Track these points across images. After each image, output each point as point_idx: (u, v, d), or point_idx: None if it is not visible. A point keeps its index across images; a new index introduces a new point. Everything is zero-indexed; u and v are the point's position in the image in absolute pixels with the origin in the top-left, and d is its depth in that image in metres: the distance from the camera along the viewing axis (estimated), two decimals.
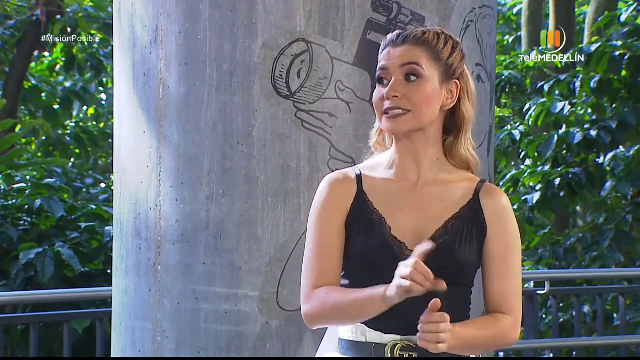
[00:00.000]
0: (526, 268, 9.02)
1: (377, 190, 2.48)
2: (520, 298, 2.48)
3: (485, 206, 2.45)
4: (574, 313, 7.14)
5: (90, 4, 12.00)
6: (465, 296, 2.47)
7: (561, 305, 8.78)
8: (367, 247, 2.43)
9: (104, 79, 15.33)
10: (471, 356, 2.48)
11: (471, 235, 2.43)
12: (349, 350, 2.46)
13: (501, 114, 12.60)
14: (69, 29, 11.37)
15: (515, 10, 16.73)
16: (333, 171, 2.62)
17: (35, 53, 13.76)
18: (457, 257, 2.41)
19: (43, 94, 13.74)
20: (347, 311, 2.39)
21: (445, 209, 2.44)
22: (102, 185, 11.91)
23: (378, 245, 2.42)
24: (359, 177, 2.49)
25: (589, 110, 9.16)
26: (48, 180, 8.39)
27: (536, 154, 8.98)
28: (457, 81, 2.47)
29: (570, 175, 8.72)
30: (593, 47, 8.53)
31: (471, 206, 2.45)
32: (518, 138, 9.58)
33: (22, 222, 7.50)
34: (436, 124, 2.47)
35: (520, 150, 9.75)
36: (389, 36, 2.49)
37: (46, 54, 15.31)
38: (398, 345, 2.39)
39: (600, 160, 8.90)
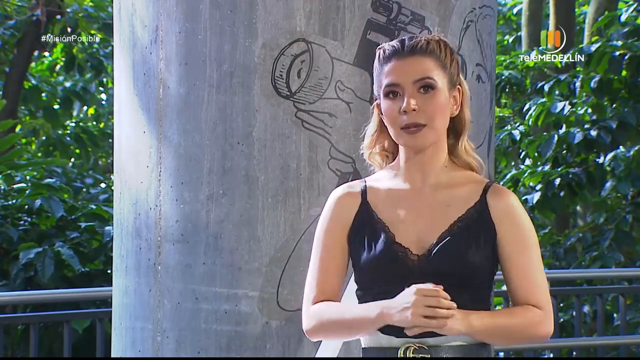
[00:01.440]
0: None
1: (381, 200, 2.49)
2: (547, 292, 2.45)
3: (492, 206, 2.45)
4: (574, 313, 7.14)
5: (90, 4, 12.00)
6: (481, 298, 2.44)
7: (561, 305, 8.77)
8: (372, 256, 2.44)
9: (104, 79, 15.33)
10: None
11: (479, 236, 2.42)
12: (366, 356, 2.48)
13: (501, 114, 12.60)
14: (69, 29, 11.37)
15: (515, 10, 16.73)
16: (333, 171, 2.64)
17: (35, 53, 13.75)
18: (465, 259, 2.40)
19: (43, 94, 13.74)
20: (342, 330, 2.46)
21: (451, 213, 2.45)
22: (102, 185, 11.92)
23: (382, 253, 2.42)
24: (364, 189, 2.52)
25: (589, 110, 9.15)
26: (48, 180, 8.40)
27: (536, 154, 8.99)
28: (459, 87, 2.50)
29: (570, 175, 8.72)
30: (593, 47, 8.54)
31: (477, 207, 2.45)
32: (518, 138, 9.59)
33: (22, 222, 7.50)
34: (445, 132, 2.49)
35: (520, 150, 9.76)
36: (390, 47, 2.47)
37: (46, 54, 15.31)
38: (411, 347, 2.39)
39: (600, 160, 8.90)
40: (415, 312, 2.29)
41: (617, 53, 8.45)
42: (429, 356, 2.38)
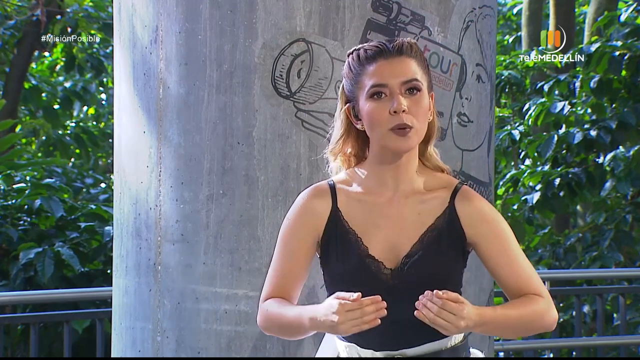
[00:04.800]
0: None
1: (352, 208, 2.46)
2: (540, 280, 2.45)
3: (460, 212, 2.44)
4: (574, 313, 7.14)
5: (90, 4, 12.00)
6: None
7: (561, 305, 8.77)
8: (345, 269, 2.42)
9: (104, 79, 15.32)
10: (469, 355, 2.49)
11: (449, 244, 2.42)
12: None
13: (501, 114, 12.59)
14: (69, 29, 11.37)
15: (515, 10, 16.74)
16: None
17: (35, 53, 13.75)
18: (437, 272, 2.40)
19: (43, 94, 13.74)
20: (281, 328, 2.45)
21: (421, 222, 2.44)
22: (102, 185, 11.91)
23: (356, 267, 2.41)
24: (334, 193, 2.47)
25: (589, 110, 9.15)
26: (48, 180, 8.39)
27: (536, 154, 8.99)
28: (432, 93, 2.48)
29: (570, 175, 8.72)
30: (593, 47, 8.53)
31: (447, 215, 2.44)
32: (518, 138, 9.58)
33: (21, 222, 7.50)
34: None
35: (520, 150, 9.76)
36: (373, 47, 2.42)
37: (46, 54, 15.31)
38: None
39: (600, 160, 8.90)
40: (342, 320, 2.24)
41: (617, 53, 8.45)
42: None
